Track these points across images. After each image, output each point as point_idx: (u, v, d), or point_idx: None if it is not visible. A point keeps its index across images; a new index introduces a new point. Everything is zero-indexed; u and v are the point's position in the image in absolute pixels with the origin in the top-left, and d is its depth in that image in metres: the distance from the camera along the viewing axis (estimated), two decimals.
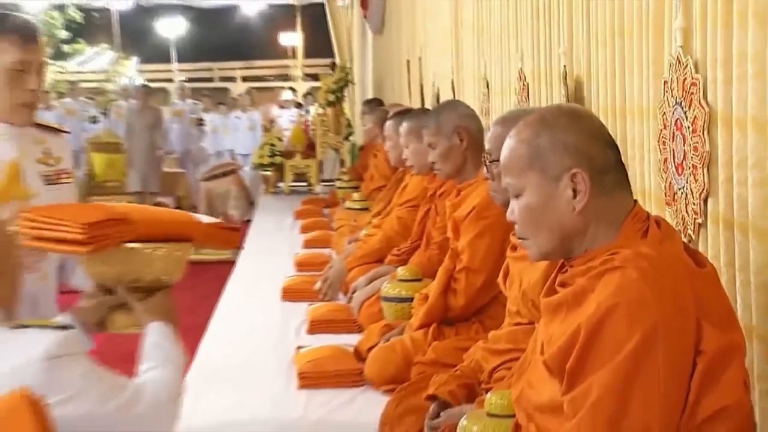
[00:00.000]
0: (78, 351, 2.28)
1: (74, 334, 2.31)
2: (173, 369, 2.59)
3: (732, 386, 1.94)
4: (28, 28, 3.16)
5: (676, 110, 2.68)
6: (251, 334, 4.75)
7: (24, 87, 3.11)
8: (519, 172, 2.15)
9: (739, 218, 2.37)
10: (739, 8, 2.29)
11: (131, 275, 2.70)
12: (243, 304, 5.45)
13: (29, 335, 2.23)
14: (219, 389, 3.89)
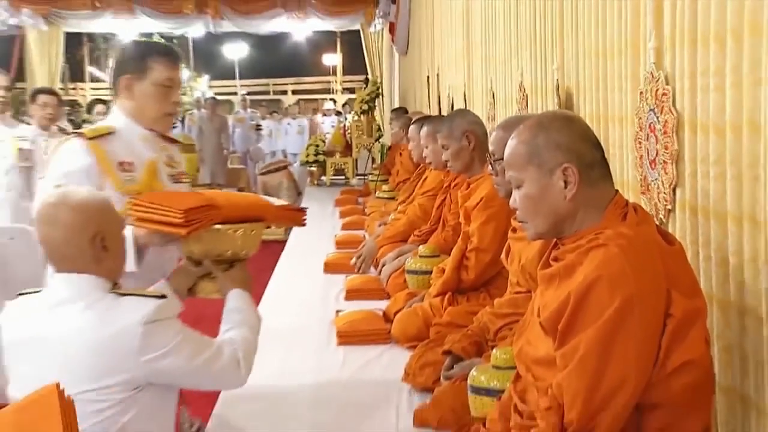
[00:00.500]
0: (171, 316, 2.35)
1: (168, 302, 2.35)
2: (249, 329, 2.65)
3: (695, 343, 1.94)
4: (174, 52, 3.22)
5: (649, 116, 2.67)
6: (299, 301, 4.76)
7: (169, 100, 3.18)
8: (519, 167, 2.14)
9: (702, 205, 2.38)
10: (703, 31, 2.29)
11: (216, 251, 2.78)
12: (292, 276, 5.45)
13: (130, 303, 2.28)
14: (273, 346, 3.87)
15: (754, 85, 2.05)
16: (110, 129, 3.11)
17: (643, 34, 2.74)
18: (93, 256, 2.32)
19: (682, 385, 1.93)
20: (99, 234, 2.33)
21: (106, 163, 3.00)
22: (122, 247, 2.49)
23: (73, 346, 2.22)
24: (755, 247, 2.10)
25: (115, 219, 2.45)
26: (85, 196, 2.37)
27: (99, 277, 2.34)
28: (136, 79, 3.12)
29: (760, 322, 2.09)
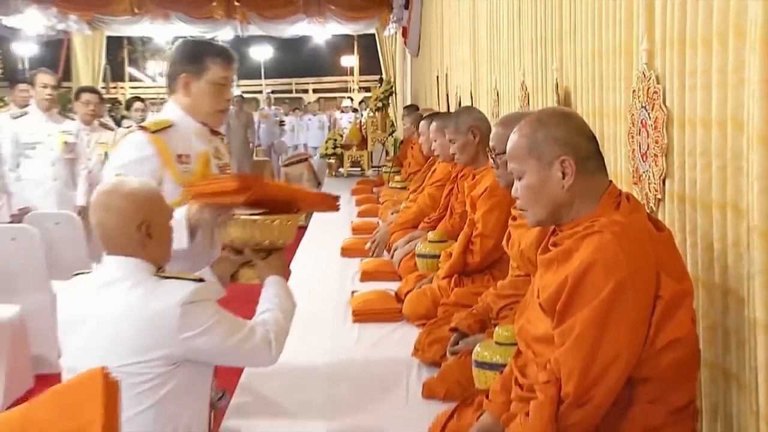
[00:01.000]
0: (208, 298, 2.36)
1: (205, 285, 2.36)
2: (283, 313, 2.63)
3: (682, 323, 1.95)
4: (229, 53, 3.18)
5: (641, 112, 2.66)
6: (317, 281, 4.77)
7: (223, 97, 3.15)
8: (521, 160, 2.14)
9: (689, 195, 2.37)
10: (691, 34, 2.29)
11: (255, 240, 2.77)
12: (312, 259, 5.46)
13: (172, 285, 2.31)
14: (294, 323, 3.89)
15: (737, 84, 2.05)
16: (169, 122, 3.08)
17: (635, 37, 2.73)
18: (139, 242, 2.33)
19: (670, 360, 1.93)
20: (145, 222, 2.34)
21: (167, 156, 2.99)
22: (167, 235, 2.48)
23: (119, 322, 2.25)
24: (738, 234, 2.09)
25: (161, 209, 2.44)
26: (136, 186, 2.38)
27: (144, 260, 2.35)
28: (193, 77, 3.09)
29: (742, 303, 2.08)
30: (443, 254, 4.11)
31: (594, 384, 1.91)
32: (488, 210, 3.74)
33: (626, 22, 2.83)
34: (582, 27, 3.41)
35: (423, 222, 5.12)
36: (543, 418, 1.94)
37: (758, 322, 1.97)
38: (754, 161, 1.94)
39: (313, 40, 23.16)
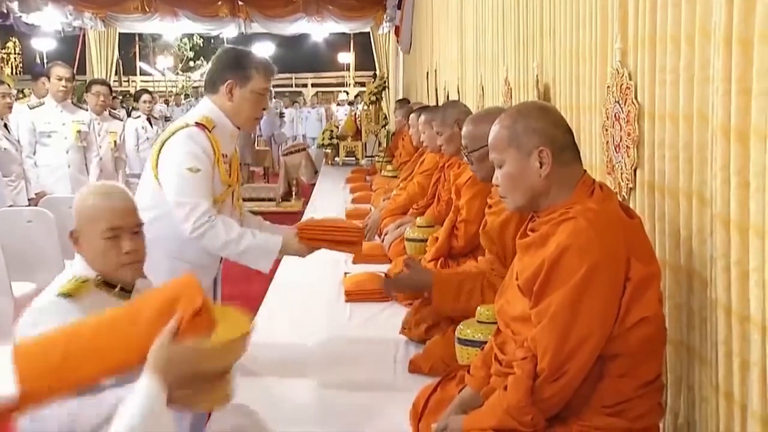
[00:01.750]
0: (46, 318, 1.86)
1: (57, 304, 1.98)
2: None
3: (650, 303, 1.95)
4: (271, 66, 3.12)
5: (615, 107, 2.65)
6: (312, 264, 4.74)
7: (261, 106, 3.10)
8: (501, 149, 2.13)
9: (658, 184, 2.37)
10: (661, 34, 2.28)
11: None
12: None
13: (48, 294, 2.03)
14: (290, 302, 3.92)
15: (703, 81, 2.05)
16: (214, 123, 3.02)
17: (610, 37, 2.72)
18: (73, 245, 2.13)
19: (639, 338, 1.93)
20: (74, 229, 2.13)
21: (219, 153, 2.96)
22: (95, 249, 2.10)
23: None
24: (702, 221, 2.09)
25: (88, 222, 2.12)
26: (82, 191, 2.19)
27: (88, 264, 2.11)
28: (238, 85, 3.01)
29: (705, 285, 2.08)
30: (430, 238, 4.11)
31: (567, 360, 1.91)
32: (471, 197, 3.72)
33: (601, 22, 2.82)
34: (560, 27, 3.40)
35: (412, 208, 5.12)
36: (520, 392, 1.94)
37: (719, 302, 1.97)
38: (718, 153, 1.93)
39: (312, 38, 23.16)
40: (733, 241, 1.89)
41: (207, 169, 2.89)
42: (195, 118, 3.00)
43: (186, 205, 2.85)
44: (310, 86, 31.64)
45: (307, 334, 3.38)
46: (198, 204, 2.85)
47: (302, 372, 2.98)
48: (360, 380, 2.89)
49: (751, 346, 1.84)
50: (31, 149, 6.67)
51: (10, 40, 17.28)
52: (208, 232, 2.86)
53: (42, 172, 6.62)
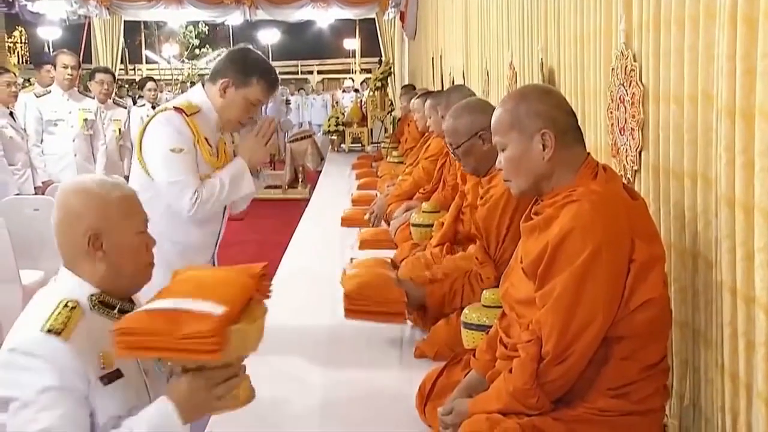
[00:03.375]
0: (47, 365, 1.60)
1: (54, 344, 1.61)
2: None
3: (655, 284, 1.95)
4: (274, 81, 3.11)
5: (620, 89, 2.65)
6: (319, 249, 4.79)
7: (248, 114, 3.08)
8: (504, 132, 2.12)
9: (663, 166, 2.36)
10: (665, 16, 2.28)
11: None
12: (314, 228, 5.49)
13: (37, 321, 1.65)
14: (298, 283, 3.93)
15: (707, 61, 2.04)
16: (197, 108, 3.02)
17: (614, 19, 2.71)
18: (84, 253, 1.73)
19: (643, 320, 1.93)
20: (92, 230, 1.73)
21: (200, 137, 2.96)
22: (126, 251, 1.79)
23: None
24: (707, 202, 2.09)
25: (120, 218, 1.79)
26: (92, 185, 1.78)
27: (86, 280, 1.75)
28: (233, 86, 3.00)
29: (710, 266, 2.08)
30: (436, 223, 4.12)
31: (572, 342, 1.91)
32: (477, 182, 3.72)
33: (605, 5, 2.81)
34: (565, 11, 3.39)
35: (418, 193, 5.13)
36: (525, 375, 1.94)
37: (724, 283, 1.98)
38: (722, 133, 1.93)
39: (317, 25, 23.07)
40: (738, 222, 1.89)
41: (190, 149, 2.93)
42: (176, 102, 3.05)
43: (177, 183, 2.91)
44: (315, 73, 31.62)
45: (313, 321, 3.39)
46: (189, 181, 2.91)
47: (308, 356, 2.99)
48: (366, 365, 2.90)
49: (756, 326, 1.84)
50: (38, 138, 6.71)
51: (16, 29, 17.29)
52: (201, 205, 2.93)
53: (49, 161, 6.68)
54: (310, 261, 4.48)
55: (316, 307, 3.57)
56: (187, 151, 2.93)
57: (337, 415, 2.53)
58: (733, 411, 1.98)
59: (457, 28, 7.54)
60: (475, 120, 3.06)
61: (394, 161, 7.70)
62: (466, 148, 3.10)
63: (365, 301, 2.96)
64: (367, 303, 2.95)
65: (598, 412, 1.94)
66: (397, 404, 2.51)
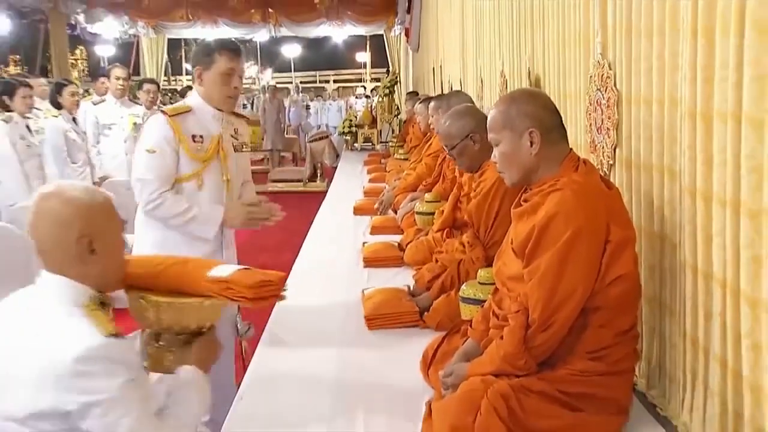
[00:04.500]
0: (117, 361, 1.56)
1: (117, 344, 1.57)
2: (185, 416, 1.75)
3: (626, 262, 1.95)
4: (235, 46, 2.94)
5: (597, 93, 2.63)
6: (335, 234, 4.78)
7: (230, 86, 2.93)
8: (498, 131, 2.12)
9: (635, 161, 2.36)
10: (636, 28, 2.27)
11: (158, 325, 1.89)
12: (331, 216, 5.47)
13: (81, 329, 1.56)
14: (317, 269, 3.93)
15: (673, 69, 2.03)
16: (188, 108, 2.95)
17: (592, 33, 2.70)
18: (77, 257, 1.63)
19: (617, 293, 1.94)
20: (86, 235, 1.63)
21: (181, 135, 2.86)
22: (116, 251, 1.72)
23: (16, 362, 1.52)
24: (672, 192, 2.09)
25: (109, 221, 1.71)
26: (79, 194, 1.66)
27: (81, 283, 1.64)
28: (204, 70, 2.91)
29: (675, 248, 2.09)
30: (437, 212, 4.10)
31: (555, 312, 1.92)
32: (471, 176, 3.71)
33: (584, 20, 2.80)
34: (549, 26, 3.38)
35: (421, 186, 5.10)
36: (514, 341, 1.95)
37: (687, 262, 1.98)
38: (685, 133, 1.93)
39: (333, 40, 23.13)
40: (699, 210, 1.89)
41: (164, 151, 2.84)
42: (166, 107, 2.99)
43: (138, 182, 2.88)
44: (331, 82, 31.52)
45: (330, 296, 3.39)
46: (148, 182, 2.85)
47: (324, 329, 2.99)
48: (376, 334, 2.90)
49: (713, 299, 1.85)
50: (95, 139, 6.83)
51: (77, 48, 17.55)
52: (158, 208, 2.86)
53: (104, 159, 6.80)
54: (327, 245, 4.47)
55: (333, 284, 3.57)
56: (160, 153, 2.83)
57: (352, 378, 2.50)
58: (693, 371, 1.99)
59: (454, 41, 7.50)
60: (465, 124, 3.14)
61: (400, 158, 7.67)
62: (460, 149, 3.14)
63: (382, 318, 2.95)
64: (384, 318, 2.95)
65: (578, 372, 1.94)
66: (404, 368, 2.50)
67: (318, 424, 2.14)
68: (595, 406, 1.93)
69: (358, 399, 2.30)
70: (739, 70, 1.65)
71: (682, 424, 2.02)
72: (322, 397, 2.33)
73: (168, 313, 1.85)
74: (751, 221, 1.66)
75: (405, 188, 5.29)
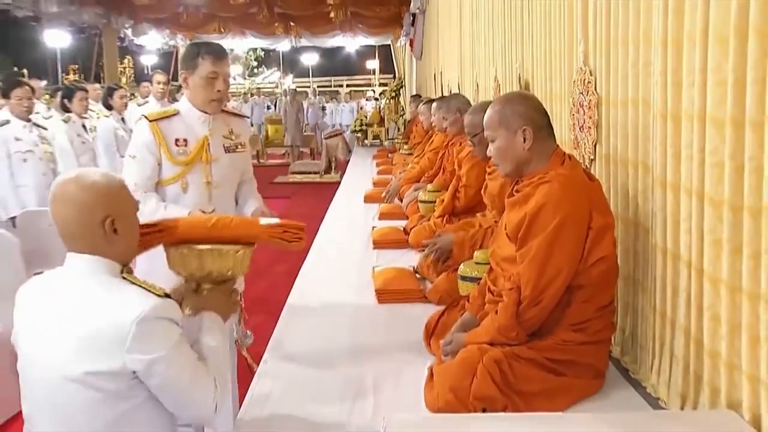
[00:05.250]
0: (170, 318, 1.52)
1: (170, 304, 1.54)
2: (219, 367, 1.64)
3: (607, 246, 1.95)
4: (220, 51, 2.59)
5: (580, 96, 2.62)
6: (348, 220, 4.79)
7: (214, 89, 2.56)
8: (494, 129, 2.11)
9: (613, 156, 2.35)
10: (614, 39, 2.27)
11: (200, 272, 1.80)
12: (344, 204, 5.47)
13: (133, 295, 1.51)
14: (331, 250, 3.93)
15: (646, 76, 2.03)
16: (174, 111, 2.63)
17: (575, 42, 2.69)
18: (103, 238, 1.56)
19: (598, 272, 1.94)
20: (110, 216, 1.56)
21: (162, 139, 2.53)
22: (134, 229, 1.67)
23: (75, 327, 1.47)
24: (646, 184, 2.09)
25: (126, 202, 1.64)
26: (98, 178, 1.59)
27: (110, 259, 1.58)
28: (189, 74, 2.58)
29: (647, 233, 2.09)
30: (438, 200, 4.10)
31: (544, 289, 1.92)
32: (470, 168, 3.70)
33: (568, 32, 2.79)
34: (537, 34, 3.37)
35: (423, 177, 5.10)
36: (507, 314, 1.95)
37: (658, 246, 1.98)
38: (657, 131, 1.93)
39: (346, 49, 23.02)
40: (669, 199, 1.89)
41: (142, 156, 2.54)
42: (149, 111, 2.69)
43: None
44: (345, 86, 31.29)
45: (344, 274, 3.41)
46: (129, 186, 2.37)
47: (337, 304, 2.99)
48: (385, 308, 2.91)
49: (680, 277, 1.85)
50: None
51: (125, 58, 17.76)
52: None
53: None
54: (341, 229, 4.48)
55: (346, 264, 3.58)
56: (139, 159, 2.54)
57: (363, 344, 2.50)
58: (661, 340, 1.99)
59: (453, 51, 7.47)
60: None
61: (405, 153, 7.68)
62: (480, 138, 3.10)
63: (391, 293, 2.96)
64: (393, 293, 2.96)
65: (563, 342, 1.95)
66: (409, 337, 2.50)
67: (333, 382, 2.14)
68: (577, 371, 1.94)
69: (369, 362, 2.31)
70: (703, 76, 1.66)
71: (650, 386, 2.02)
72: (337, 359, 2.34)
73: (208, 259, 1.79)
74: (714, 209, 1.66)
75: (409, 179, 5.29)
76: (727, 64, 1.56)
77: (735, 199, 1.58)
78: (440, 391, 1.90)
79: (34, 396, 1.53)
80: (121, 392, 1.48)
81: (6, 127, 5.08)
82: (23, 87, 5.23)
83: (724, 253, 1.62)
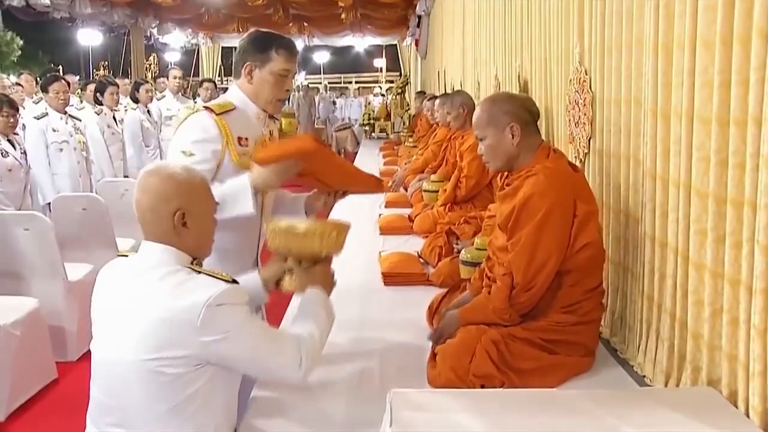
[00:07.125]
0: (237, 302, 1.50)
1: (236, 288, 1.51)
2: (320, 330, 1.70)
3: (592, 232, 1.94)
4: (293, 46, 2.17)
5: (575, 94, 2.62)
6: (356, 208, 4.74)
7: (283, 88, 2.17)
8: (483, 127, 2.09)
9: (606, 150, 2.34)
10: (608, 42, 2.26)
11: (296, 250, 1.83)
12: None
13: (201, 282, 1.48)
14: None
15: (638, 76, 2.02)
16: (231, 106, 2.14)
17: (571, 44, 2.68)
18: (172, 229, 1.53)
19: (584, 257, 1.93)
20: (181, 209, 1.53)
21: (229, 137, 2.07)
22: (206, 228, 1.61)
23: (146, 314, 1.45)
24: (636, 176, 2.08)
25: (203, 200, 1.60)
26: (179, 171, 1.57)
27: (179, 250, 1.55)
28: (257, 67, 2.13)
29: (637, 222, 2.08)
30: (441, 190, 4.10)
31: (535, 275, 1.91)
32: (471, 160, 3.70)
33: (565, 34, 2.77)
34: (535, 36, 3.34)
35: (427, 168, 5.10)
36: (501, 298, 1.96)
37: (647, 234, 1.98)
38: (648, 128, 1.93)
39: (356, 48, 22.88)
40: (658, 191, 1.89)
41: (204, 155, 2.03)
42: (209, 102, 2.23)
43: None
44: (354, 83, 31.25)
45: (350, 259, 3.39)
46: None
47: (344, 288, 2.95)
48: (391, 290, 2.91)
49: (667, 264, 1.85)
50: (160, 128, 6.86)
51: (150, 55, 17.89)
52: None
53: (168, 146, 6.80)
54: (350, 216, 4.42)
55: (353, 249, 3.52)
56: (198, 158, 2.02)
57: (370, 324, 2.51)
58: (648, 322, 2.00)
59: (456, 50, 7.43)
60: None
61: (409, 146, 7.64)
62: None
63: (397, 276, 2.96)
64: (398, 277, 2.95)
65: (554, 323, 1.95)
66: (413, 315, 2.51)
67: (341, 358, 2.15)
68: (568, 349, 1.94)
69: (375, 341, 2.31)
70: (691, 78, 1.66)
71: (637, 365, 2.03)
72: (345, 338, 2.34)
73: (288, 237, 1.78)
74: (700, 201, 1.66)
75: (414, 170, 5.29)
76: (713, 67, 1.57)
77: (719, 191, 1.58)
78: (442, 370, 1.90)
79: (102, 378, 1.53)
80: (185, 377, 1.47)
81: (44, 119, 5.12)
82: (60, 82, 5.29)
83: (708, 241, 1.63)
